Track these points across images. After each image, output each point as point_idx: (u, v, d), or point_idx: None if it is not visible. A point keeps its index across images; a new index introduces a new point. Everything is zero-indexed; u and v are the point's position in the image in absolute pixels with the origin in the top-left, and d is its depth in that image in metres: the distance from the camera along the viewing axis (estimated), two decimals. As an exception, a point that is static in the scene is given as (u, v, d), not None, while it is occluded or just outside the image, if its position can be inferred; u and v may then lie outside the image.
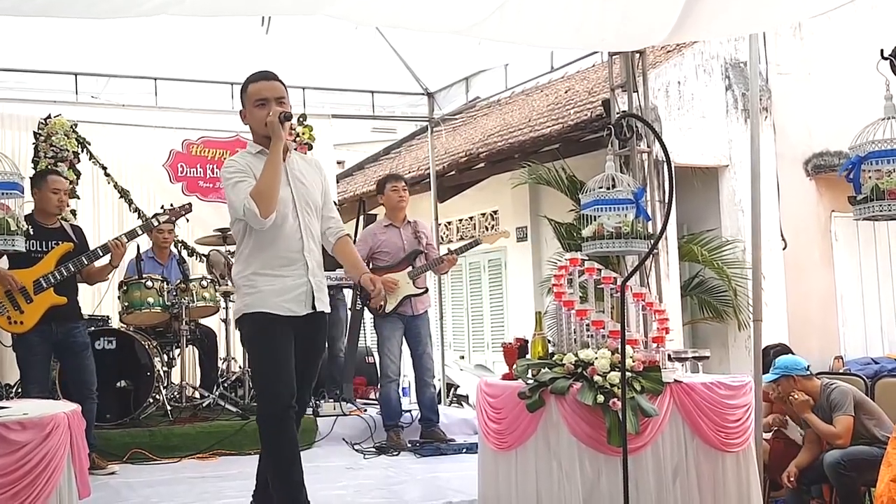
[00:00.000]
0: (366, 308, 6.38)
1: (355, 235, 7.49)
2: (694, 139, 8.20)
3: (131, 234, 5.72)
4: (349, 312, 7.55)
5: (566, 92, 10.16)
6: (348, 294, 7.48)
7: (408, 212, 6.56)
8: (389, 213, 6.42)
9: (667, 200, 6.78)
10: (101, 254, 5.46)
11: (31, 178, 5.56)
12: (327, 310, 3.87)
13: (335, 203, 4.39)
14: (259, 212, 3.56)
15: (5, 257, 5.24)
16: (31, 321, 5.21)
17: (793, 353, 5.70)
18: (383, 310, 6.22)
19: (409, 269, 6.29)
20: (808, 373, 5.20)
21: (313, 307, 3.76)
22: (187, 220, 6.63)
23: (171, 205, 6.02)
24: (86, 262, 5.40)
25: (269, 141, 3.69)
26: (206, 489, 5.00)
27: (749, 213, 5.29)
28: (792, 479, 5.05)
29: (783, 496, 5.34)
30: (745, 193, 7.14)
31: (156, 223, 5.91)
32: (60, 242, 5.37)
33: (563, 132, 8.51)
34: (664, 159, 4.00)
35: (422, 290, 6.33)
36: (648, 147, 6.57)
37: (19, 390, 6.56)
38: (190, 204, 6.06)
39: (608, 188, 4.38)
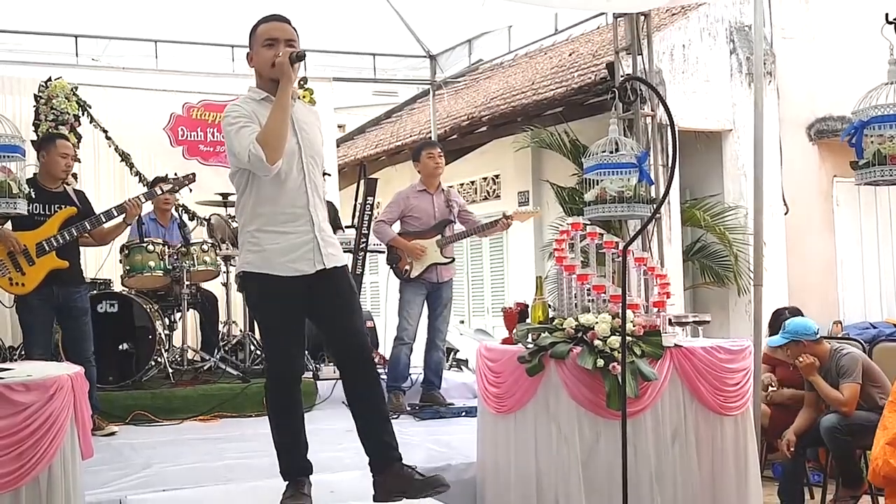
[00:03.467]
0: (392, 271, 6.40)
1: (355, 199, 7.48)
2: (698, 103, 8.16)
3: (148, 196, 5.84)
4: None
5: (570, 55, 10.09)
6: (348, 258, 7.50)
7: (410, 176, 6.56)
8: (425, 179, 6.39)
9: (670, 164, 6.79)
10: (105, 220, 5.52)
11: (37, 141, 5.56)
12: (339, 264, 3.60)
13: None
14: (265, 157, 3.34)
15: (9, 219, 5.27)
16: (33, 283, 5.26)
17: (803, 317, 5.68)
18: (409, 275, 6.25)
19: (438, 237, 6.29)
20: (817, 337, 5.19)
21: (323, 264, 3.53)
22: (190, 191, 6.67)
23: (175, 174, 6.08)
24: (88, 227, 5.43)
25: (275, 86, 3.45)
26: (208, 450, 5.04)
27: (752, 177, 5.28)
28: (791, 448, 5.07)
29: (780, 459, 5.38)
30: (749, 158, 7.12)
31: (159, 192, 5.95)
32: (64, 206, 5.41)
33: (566, 95, 8.46)
34: (668, 123, 3.98)
35: (449, 260, 6.34)
36: (652, 111, 6.55)
37: (23, 353, 6.62)
38: (193, 174, 6.10)
39: (611, 152, 4.36)
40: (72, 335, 5.47)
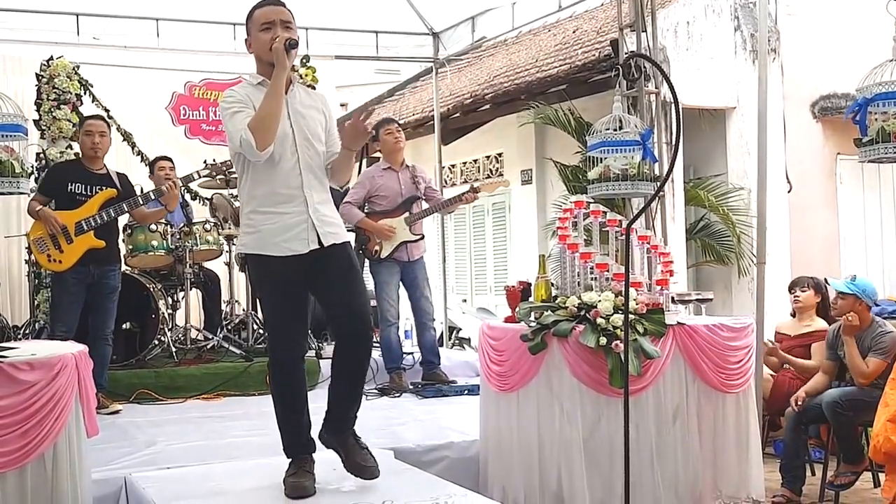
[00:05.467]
0: (361, 253, 6.40)
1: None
2: (702, 80, 8.13)
3: (185, 180, 5.95)
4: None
5: (574, 31, 10.03)
6: (351, 236, 7.49)
7: (412, 155, 6.54)
8: (387, 156, 6.38)
9: (674, 142, 6.77)
10: (143, 202, 5.64)
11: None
12: (338, 241, 3.59)
13: None
14: (256, 143, 3.37)
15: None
16: (70, 261, 5.40)
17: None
18: (378, 255, 6.25)
19: (406, 215, 6.28)
20: (872, 304, 5.19)
21: (320, 244, 3.52)
22: (207, 171, 6.70)
23: (214, 160, 6.15)
24: (126, 209, 5.57)
25: (272, 70, 3.46)
26: (212, 428, 5.08)
27: (756, 154, 5.27)
28: (800, 402, 5.04)
29: (781, 437, 5.40)
30: (753, 135, 7.09)
31: (196, 177, 6.05)
32: (104, 187, 5.54)
33: (570, 73, 8.42)
34: (672, 100, 3.97)
35: (418, 237, 6.32)
36: (656, 88, 6.52)
37: (27, 332, 6.66)
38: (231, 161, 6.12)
39: (615, 130, 4.35)
40: (97, 312, 5.54)
